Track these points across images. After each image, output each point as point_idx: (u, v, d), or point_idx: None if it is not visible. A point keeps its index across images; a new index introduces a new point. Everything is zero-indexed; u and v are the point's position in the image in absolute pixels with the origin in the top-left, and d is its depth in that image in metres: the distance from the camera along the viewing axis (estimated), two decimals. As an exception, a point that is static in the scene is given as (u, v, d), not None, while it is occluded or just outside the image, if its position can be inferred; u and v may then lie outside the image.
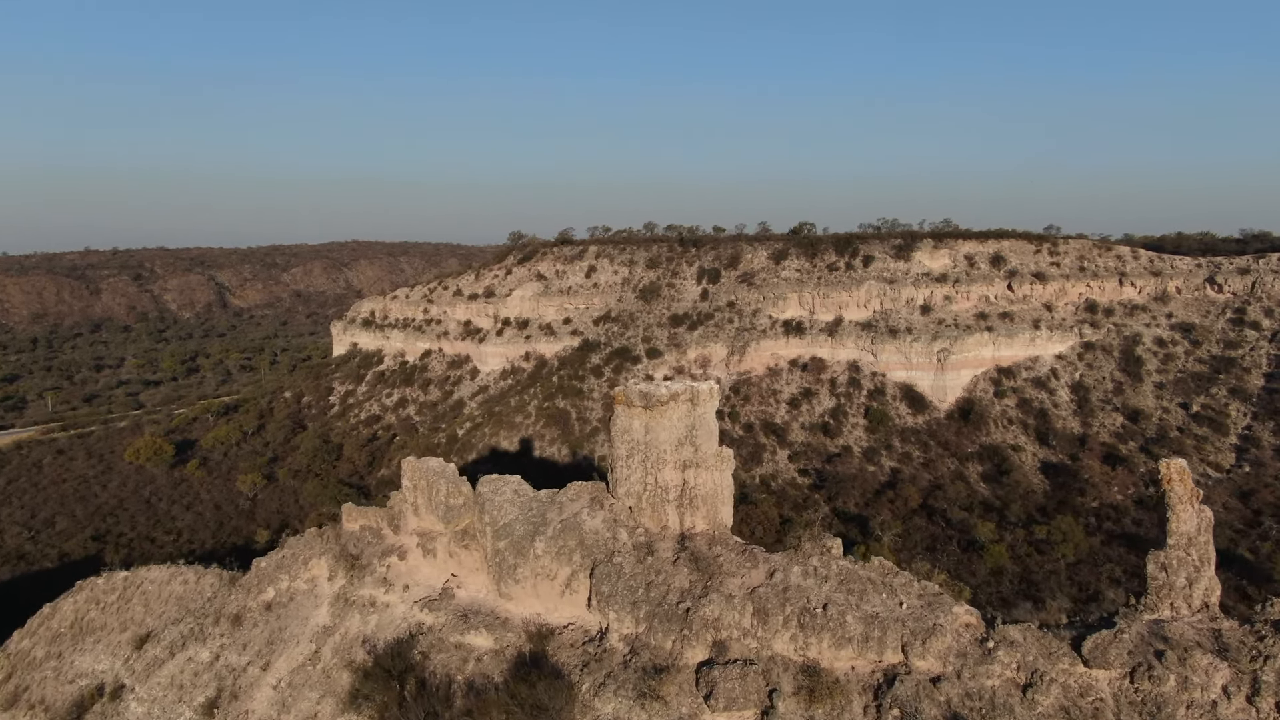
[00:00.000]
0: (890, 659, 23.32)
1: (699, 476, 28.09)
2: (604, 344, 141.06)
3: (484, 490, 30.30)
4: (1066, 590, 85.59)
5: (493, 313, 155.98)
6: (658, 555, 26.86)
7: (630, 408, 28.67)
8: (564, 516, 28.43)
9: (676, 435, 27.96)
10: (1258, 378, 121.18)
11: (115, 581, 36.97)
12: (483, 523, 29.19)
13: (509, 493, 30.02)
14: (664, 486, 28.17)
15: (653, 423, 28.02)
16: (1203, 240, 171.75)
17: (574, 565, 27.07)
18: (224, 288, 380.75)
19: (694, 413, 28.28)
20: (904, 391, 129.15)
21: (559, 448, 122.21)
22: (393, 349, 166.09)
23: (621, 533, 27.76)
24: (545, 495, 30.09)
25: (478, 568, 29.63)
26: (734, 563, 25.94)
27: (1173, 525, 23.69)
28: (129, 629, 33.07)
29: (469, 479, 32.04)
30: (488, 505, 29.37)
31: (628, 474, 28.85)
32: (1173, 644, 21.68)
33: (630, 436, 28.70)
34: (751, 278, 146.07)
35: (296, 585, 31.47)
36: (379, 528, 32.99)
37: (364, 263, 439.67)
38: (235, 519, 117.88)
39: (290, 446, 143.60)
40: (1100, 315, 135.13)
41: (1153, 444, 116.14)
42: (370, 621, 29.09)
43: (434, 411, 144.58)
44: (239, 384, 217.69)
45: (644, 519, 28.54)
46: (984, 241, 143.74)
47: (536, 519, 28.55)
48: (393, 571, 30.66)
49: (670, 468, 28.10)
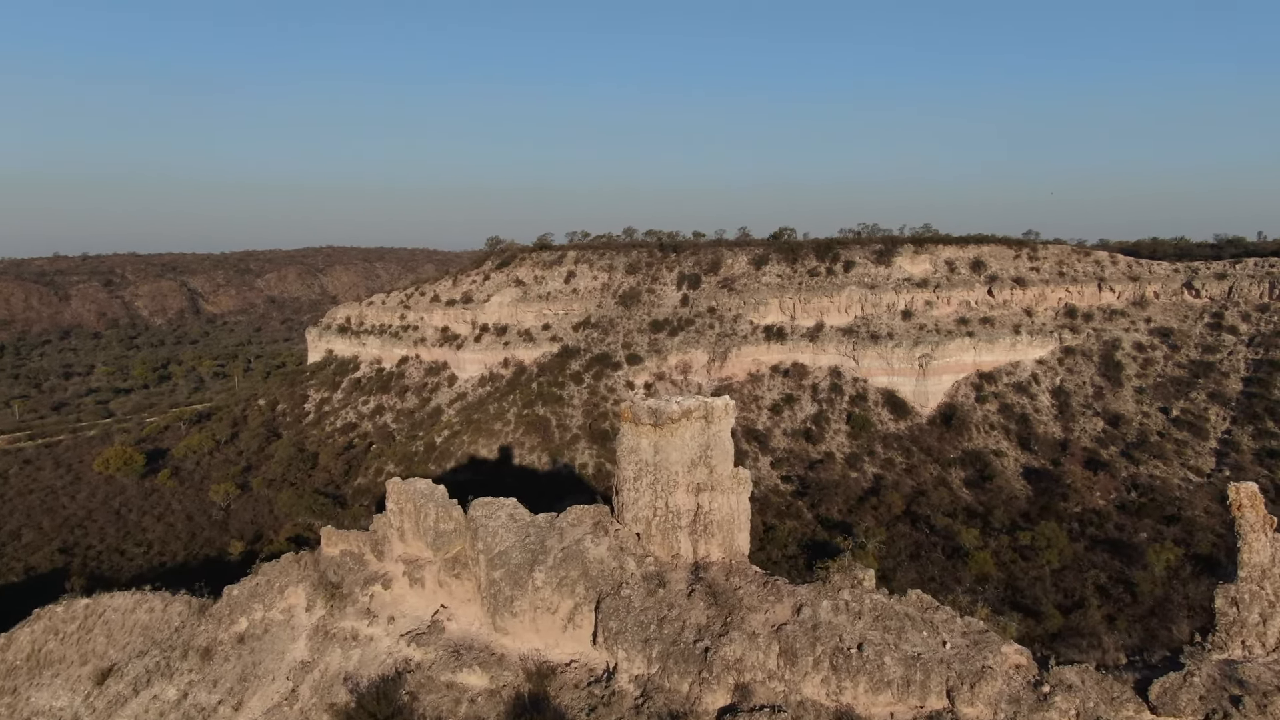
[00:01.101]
0: (934, 704, 21.37)
1: (714, 500, 25.98)
2: (584, 350, 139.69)
3: (477, 515, 28.27)
4: (1052, 598, 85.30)
5: (471, 319, 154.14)
6: (670, 587, 24.86)
7: (638, 425, 26.52)
8: (565, 544, 26.30)
9: (689, 455, 25.92)
10: (1236, 382, 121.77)
11: (76, 610, 34.28)
12: (475, 550, 27.18)
13: (504, 517, 28.11)
14: (675, 511, 26.11)
15: (663, 442, 25.91)
16: (1178, 245, 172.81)
17: (577, 598, 25.04)
18: (197, 294, 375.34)
19: (708, 431, 26.13)
20: (886, 397, 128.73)
21: (539, 455, 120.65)
22: (369, 356, 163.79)
23: (629, 562, 25.76)
24: (544, 520, 28.11)
25: (470, 598, 27.64)
26: (756, 596, 23.79)
27: (1244, 556, 21.81)
28: (90, 662, 30.81)
29: (459, 501, 29.93)
30: (481, 531, 27.38)
31: (635, 497, 26.75)
32: (1249, 688, 19.63)
33: (638, 457, 26.55)
34: (732, 283, 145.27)
35: (272, 615, 29.20)
36: (361, 553, 30.65)
37: (339, 268, 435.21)
38: (208, 530, 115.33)
39: (264, 455, 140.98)
40: (1080, 320, 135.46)
41: (1133, 448, 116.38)
42: (352, 657, 26.88)
43: (411, 419, 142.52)
44: (212, 392, 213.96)
45: (653, 547, 26.51)
46: (964, 246, 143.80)
47: (535, 546, 26.56)
48: (377, 601, 28.47)
49: (682, 491, 26.02)
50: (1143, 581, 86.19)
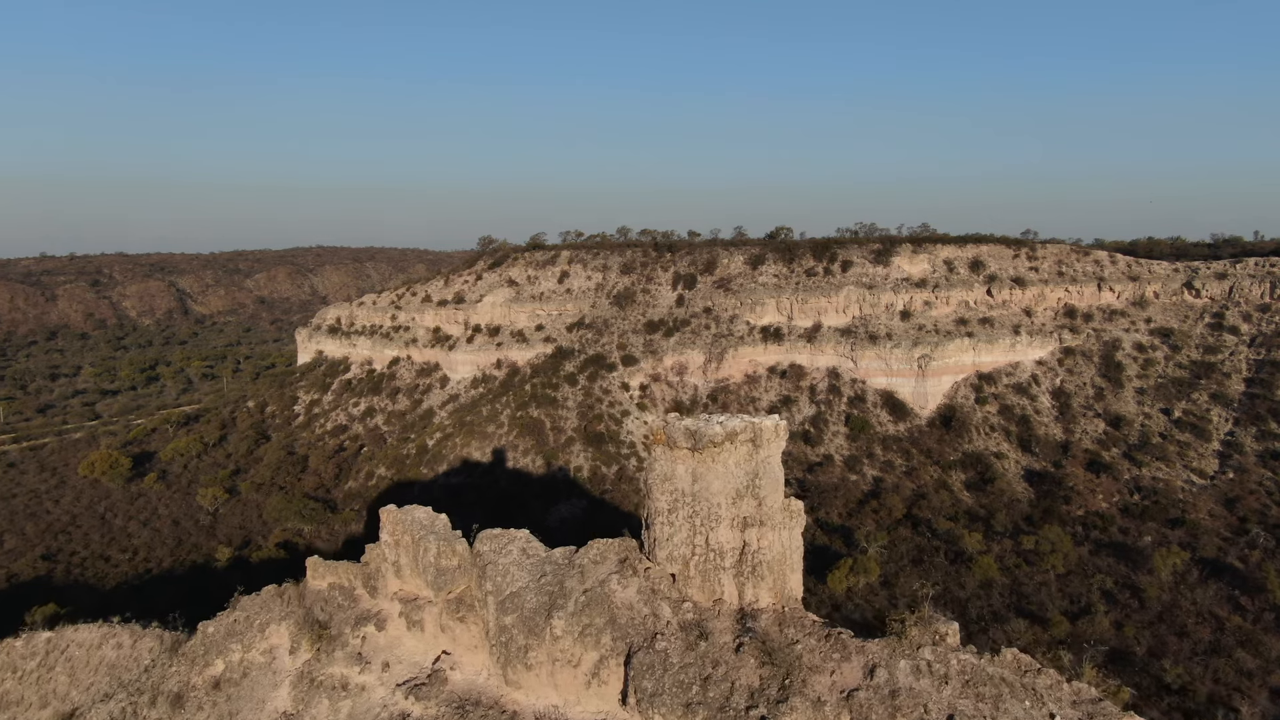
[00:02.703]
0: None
1: (764, 537, 22.37)
2: (578, 351, 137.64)
3: (484, 549, 24.82)
4: (1058, 603, 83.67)
5: (463, 319, 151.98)
6: (713, 639, 21.24)
7: (673, 450, 22.99)
8: (588, 585, 22.77)
9: (734, 485, 22.42)
10: (1238, 383, 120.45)
11: (36, 644, 31.18)
12: (483, 591, 23.78)
13: (515, 553, 24.59)
14: (718, 550, 22.48)
15: (703, 469, 22.48)
16: (1174, 245, 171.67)
17: (603, 649, 21.59)
18: (185, 294, 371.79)
19: (756, 456, 22.53)
20: (885, 398, 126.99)
21: (533, 458, 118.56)
22: (360, 357, 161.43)
23: (663, 608, 22.20)
24: (561, 555, 24.55)
25: (476, 645, 24.20)
26: (817, 653, 20.35)
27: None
28: (50, 704, 28.02)
29: (463, 532, 26.50)
30: (489, 570, 23.97)
31: (670, 533, 23.21)
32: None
33: (673, 486, 23.05)
34: (728, 283, 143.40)
35: (251, 658, 25.80)
36: (352, 587, 27.25)
37: (329, 269, 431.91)
38: (195, 535, 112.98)
39: (253, 458, 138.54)
40: (1080, 320, 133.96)
41: (1135, 450, 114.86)
42: (342, 709, 23.75)
43: (403, 421, 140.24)
44: (200, 393, 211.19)
45: (691, 590, 22.84)
46: (963, 246, 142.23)
47: (552, 587, 23.04)
48: (369, 645, 25.11)
49: (726, 526, 22.41)
50: (1149, 587, 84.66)
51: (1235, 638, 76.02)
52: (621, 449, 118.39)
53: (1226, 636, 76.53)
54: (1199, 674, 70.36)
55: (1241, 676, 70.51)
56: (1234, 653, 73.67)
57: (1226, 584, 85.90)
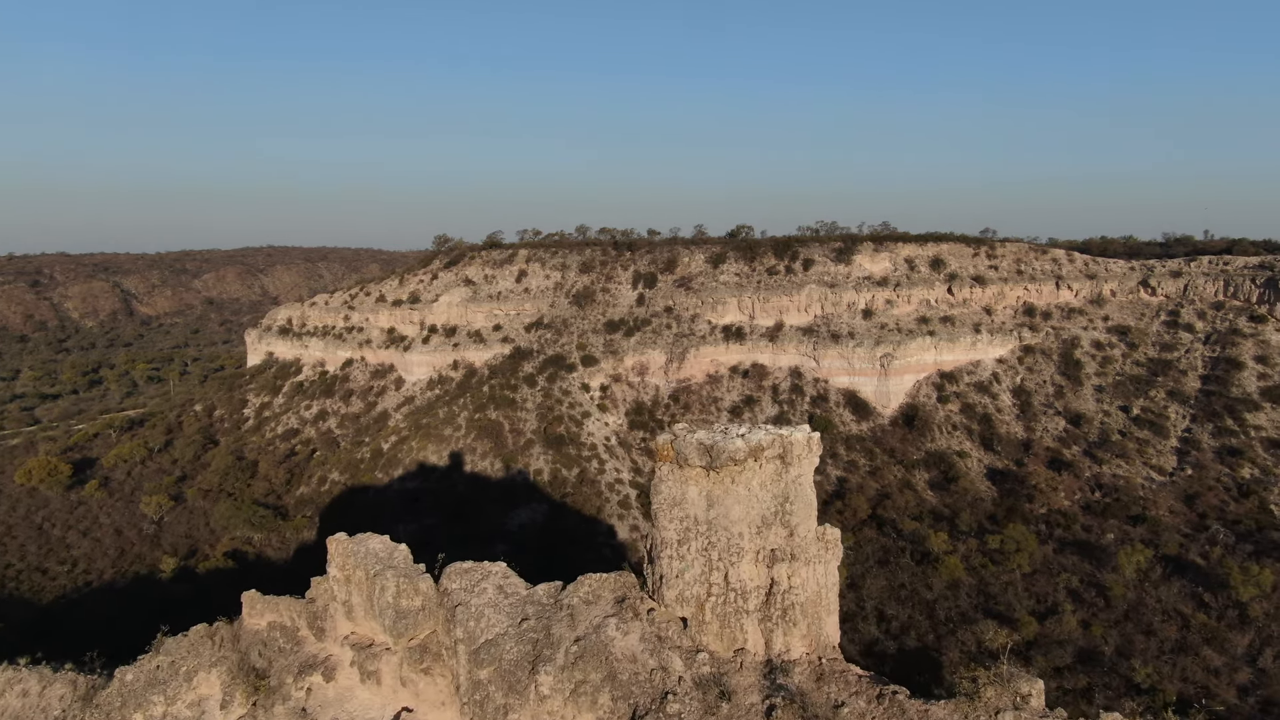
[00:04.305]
0: None
1: (796, 574, 18.72)
2: (537, 351, 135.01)
3: (453, 587, 20.93)
4: (1025, 603, 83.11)
5: (418, 320, 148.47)
6: (737, 700, 17.46)
7: (684, 468, 19.18)
8: (580, 632, 18.78)
9: (759, 510, 18.85)
10: (1194, 380, 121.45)
11: None
12: (452, 637, 19.85)
13: (491, 591, 20.71)
14: (740, 589, 18.91)
15: (720, 492, 18.84)
16: (1127, 245, 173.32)
17: (600, 711, 17.82)
18: (130, 295, 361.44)
19: (785, 475, 18.96)
20: (847, 398, 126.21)
21: (492, 461, 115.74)
22: (312, 358, 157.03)
23: (674, 660, 18.17)
24: (544, 593, 20.70)
25: (444, 701, 20.38)
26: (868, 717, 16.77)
27: None
28: None
29: (426, 567, 22.25)
30: (460, 612, 19.99)
31: (680, 568, 19.46)
32: None
33: (684, 512, 19.34)
34: (689, 282, 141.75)
35: (176, 712, 21.46)
36: (295, 628, 22.88)
37: (280, 269, 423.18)
38: (138, 545, 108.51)
39: (201, 464, 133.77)
40: (1039, 319, 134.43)
41: (1095, 448, 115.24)
42: None
43: (357, 424, 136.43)
44: (145, 397, 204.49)
45: (707, 638, 19.05)
46: (923, 244, 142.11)
47: (536, 634, 19.07)
48: (315, 699, 21.00)
49: (749, 560, 18.82)
50: (1114, 585, 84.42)
51: (1201, 635, 75.91)
52: (583, 451, 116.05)
53: (1192, 634, 76.41)
54: (1167, 673, 69.99)
55: (1209, 675, 70.31)
56: (1201, 650, 73.52)
57: (1190, 581, 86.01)
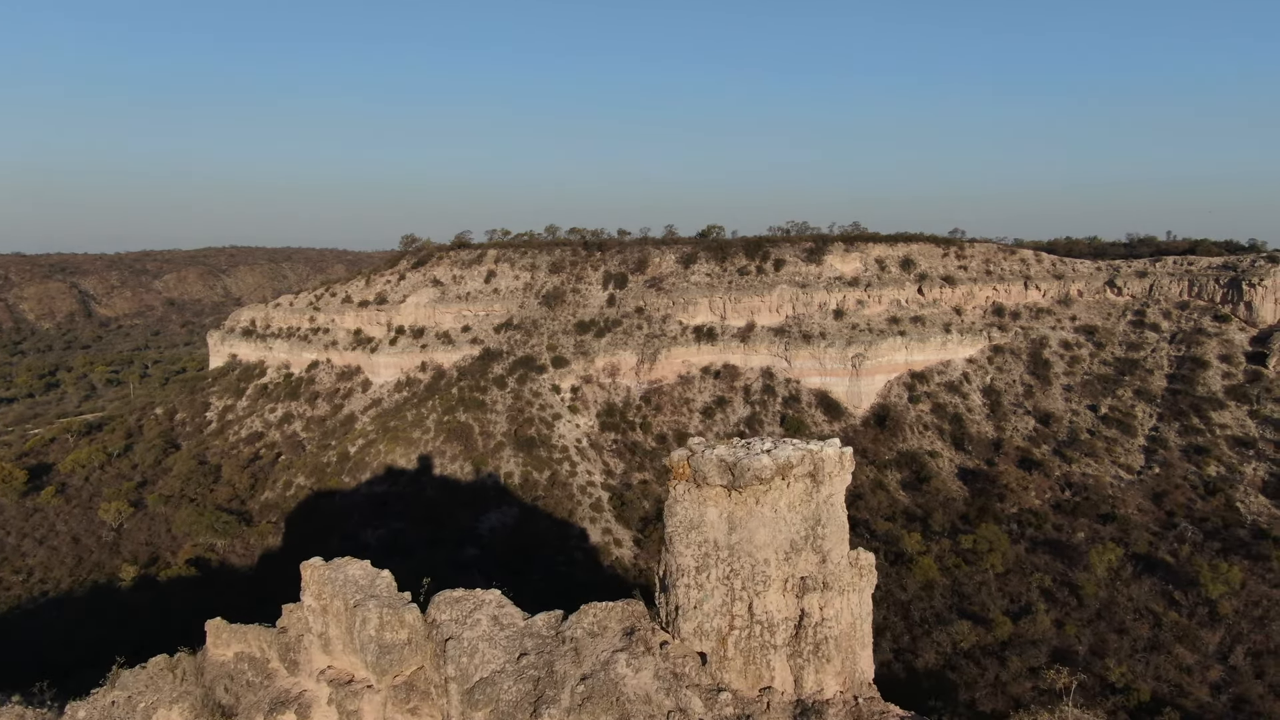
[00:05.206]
0: None
1: (829, 604, 17.03)
2: (506, 353, 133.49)
3: (442, 618, 18.88)
4: (999, 603, 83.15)
5: (385, 321, 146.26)
6: None
7: (702, 488, 17.51)
8: (586, 669, 16.71)
9: (787, 534, 17.25)
10: (1160, 379, 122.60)
11: None
12: (443, 674, 17.83)
13: (485, 623, 18.65)
14: (766, 621, 17.19)
15: (743, 514, 17.14)
16: (1092, 245, 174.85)
17: None
18: (89, 296, 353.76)
19: (816, 495, 17.39)
20: (819, 398, 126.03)
21: (461, 465, 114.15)
22: (276, 360, 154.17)
23: (693, 700, 16.11)
24: (544, 624, 18.64)
25: None
26: None
27: None
28: None
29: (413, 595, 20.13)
30: (452, 647, 17.93)
31: (699, 599, 17.60)
32: None
33: (702, 536, 17.61)
34: (660, 282, 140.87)
35: None
36: (265, 660, 20.62)
37: (243, 269, 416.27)
38: (97, 553, 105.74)
39: (162, 469, 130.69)
40: (1008, 319, 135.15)
41: (1065, 447, 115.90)
42: None
43: (323, 427, 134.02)
44: (104, 400, 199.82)
45: (729, 675, 17.25)
46: (894, 245, 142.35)
47: (537, 671, 16.99)
48: None
49: (777, 590, 17.11)
50: (1087, 584, 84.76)
51: (1173, 633, 76.42)
52: (554, 453, 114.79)
53: (1164, 632, 76.88)
54: (1141, 671, 70.21)
55: (1182, 673, 70.62)
56: (1173, 649, 73.92)
57: (1160, 579, 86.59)
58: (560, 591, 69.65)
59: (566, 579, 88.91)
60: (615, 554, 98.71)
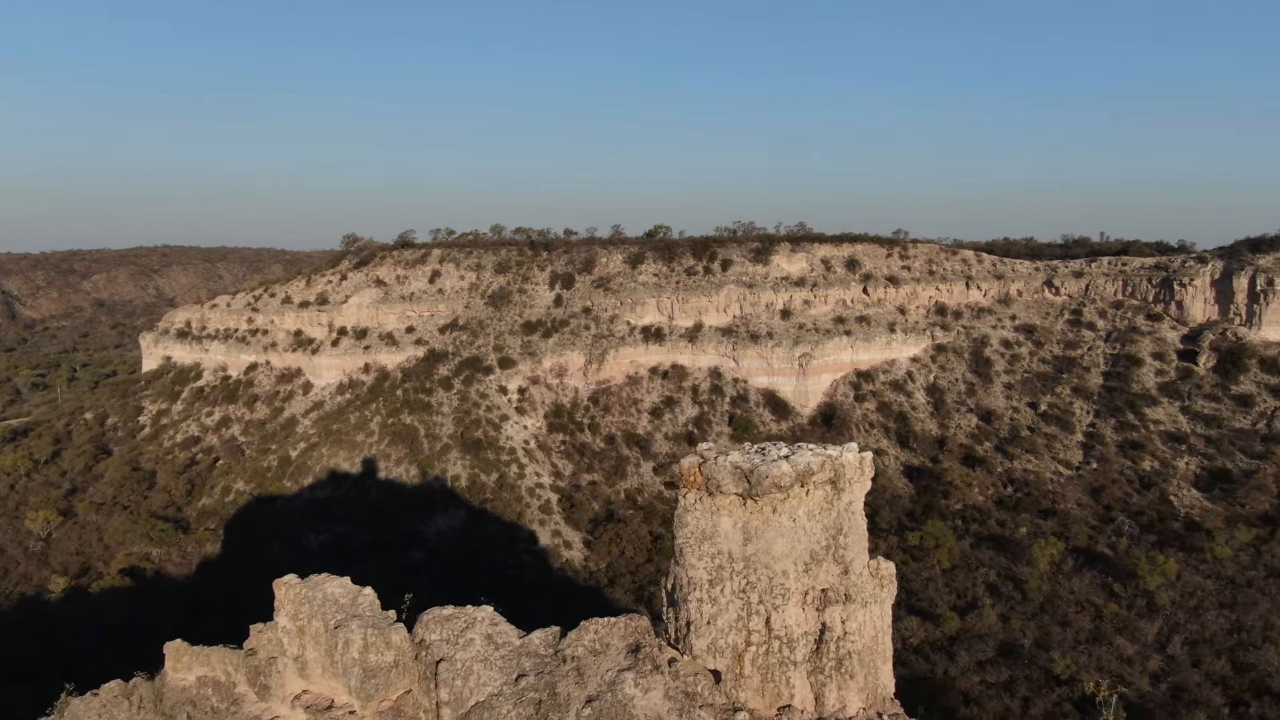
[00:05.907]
0: None
1: (851, 617, 16.25)
2: (452, 354, 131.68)
3: (432, 638, 17.52)
4: (946, 599, 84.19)
5: (327, 321, 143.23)
6: None
7: (715, 496, 16.54)
8: (591, 691, 15.54)
9: (807, 545, 16.40)
10: (1097, 376, 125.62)
11: None
12: (434, 699, 16.52)
13: (479, 643, 17.31)
14: (785, 637, 16.27)
15: (760, 523, 16.24)
16: (1029, 246, 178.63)
17: None
18: (12, 297, 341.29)
19: (837, 503, 16.63)
20: (767, 398, 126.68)
21: (407, 468, 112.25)
22: (213, 362, 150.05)
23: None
24: (541, 642, 17.38)
25: None
26: None
27: None
28: None
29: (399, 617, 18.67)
30: (444, 670, 16.53)
31: (712, 613, 16.70)
32: None
33: (715, 548, 16.67)
34: (608, 282, 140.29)
35: None
36: (232, 684, 18.96)
37: (177, 269, 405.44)
38: (24, 564, 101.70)
39: (92, 476, 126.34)
40: (950, 318, 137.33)
41: (1006, 444, 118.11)
42: None
43: (262, 431, 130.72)
44: (31, 405, 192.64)
45: (745, 694, 16.34)
46: (839, 245, 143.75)
47: (538, 694, 15.73)
48: None
49: (796, 602, 16.21)
50: (1030, 578, 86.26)
51: (1113, 625, 78.05)
52: (501, 455, 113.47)
53: (1105, 624, 78.50)
54: (1085, 663, 71.58)
55: (1123, 664, 72.18)
56: (1114, 640, 75.52)
57: (1100, 572, 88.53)
58: (511, 595, 68.60)
59: (516, 582, 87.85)
60: (565, 556, 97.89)
